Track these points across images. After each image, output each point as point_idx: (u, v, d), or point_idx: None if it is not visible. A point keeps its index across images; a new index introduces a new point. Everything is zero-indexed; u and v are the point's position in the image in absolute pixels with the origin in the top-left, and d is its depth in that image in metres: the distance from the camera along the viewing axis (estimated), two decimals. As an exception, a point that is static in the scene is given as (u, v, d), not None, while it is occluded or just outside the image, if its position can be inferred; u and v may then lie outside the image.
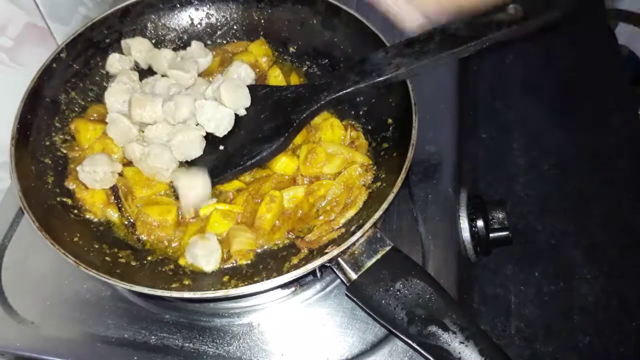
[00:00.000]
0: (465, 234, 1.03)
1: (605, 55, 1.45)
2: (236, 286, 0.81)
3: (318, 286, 0.97)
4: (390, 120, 1.01)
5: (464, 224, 1.03)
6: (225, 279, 0.88)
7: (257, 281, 0.80)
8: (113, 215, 0.98)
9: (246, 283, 0.81)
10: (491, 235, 1.02)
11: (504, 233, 1.02)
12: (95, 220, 0.97)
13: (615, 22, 1.95)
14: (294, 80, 1.12)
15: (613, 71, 1.42)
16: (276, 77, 1.11)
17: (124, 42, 1.12)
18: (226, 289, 0.79)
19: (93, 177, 0.96)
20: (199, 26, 1.20)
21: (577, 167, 1.26)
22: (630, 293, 1.10)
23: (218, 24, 1.20)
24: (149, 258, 0.93)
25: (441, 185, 1.06)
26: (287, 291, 0.96)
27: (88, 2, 1.38)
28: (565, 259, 1.14)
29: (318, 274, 0.95)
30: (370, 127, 1.05)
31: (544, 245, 1.16)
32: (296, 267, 0.82)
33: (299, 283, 0.96)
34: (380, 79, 0.92)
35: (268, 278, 0.80)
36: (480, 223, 1.03)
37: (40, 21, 1.23)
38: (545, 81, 1.41)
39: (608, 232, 1.17)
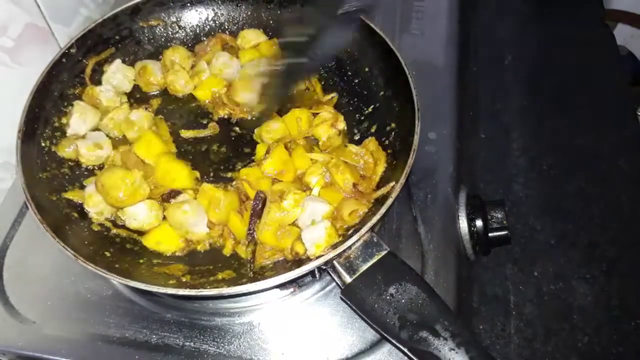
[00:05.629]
0: (465, 233, 1.03)
1: (604, 55, 1.45)
2: (230, 286, 0.81)
3: (318, 286, 0.97)
4: (393, 125, 1.02)
5: (463, 223, 1.03)
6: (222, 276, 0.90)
7: (253, 281, 0.80)
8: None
9: (240, 283, 0.82)
10: (490, 234, 1.02)
11: (503, 232, 1.02)
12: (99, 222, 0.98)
13: (614, 23, 1.96)
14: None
15: (612, 71, 1.43)
16: None
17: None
18: (220, 288, 0.80)
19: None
20: (208, 25, 1.21)
21: (576, 167, 1.26)
22: (629, 293, 1.10)
23: (227, 23, 1.21)
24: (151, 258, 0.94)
25: (440, 186, 1.06)
26: (286, 291, 0.96)
27: (89, 3, 1.38)
28: (565, 259, 1.14)
29: (317, 275, 0.96)
30: (372, 131, 1.06)
31: (543, 245, 1.16)
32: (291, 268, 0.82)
33: (297, 284, 0.96)
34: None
35: (263, 278, 0.81)
36: (479, 223, 1.03)
37: (42, 22, 1.23)
38: (544, 81, 1.41)
39: (607, 232, 1.17)
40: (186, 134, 1.09)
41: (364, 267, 0.82)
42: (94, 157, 1.02)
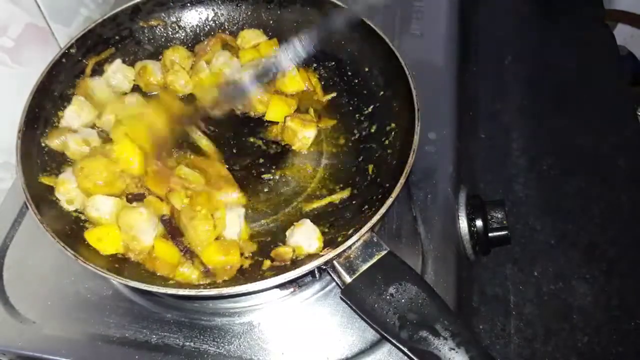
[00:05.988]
0: (465, 233, 1.03)
1: (604, 55, 1.45)
2: (230, 286, 0.81)
3: (318, 286, 0.97)
4: (393, 125, 1.01)
5: (463, 223, 1.03)
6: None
7: (253, 281, 0.80)
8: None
9: (240, 283, 0.82)
10: (490, 234, 1.02)
11: (503, 232, 1.02)
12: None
13: (614, 23, 1.96)
14: (303, 76, 1.12)
15: (612, 71, 1.43)
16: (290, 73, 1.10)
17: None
18: (220, 288, 0.80)
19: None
20: (208, 25, 1.21)
21: (576, 167, 1.26)
22: (629, 293, 1.10)
23: (227, 23, 1.21)
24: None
25: (440, 186, 1.06)
26: (286, 291, 0.96)
27: (90, 3, 1.39)
28: (565, 259, 1.14)
29: (317, 275, 0.96)
30: (372, 131, 1.05)
31: (543, 245, 1.16)
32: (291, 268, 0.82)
33: (297, 284, 0.96)
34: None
35: (263, 278, 0.81)
36: (479, 223, 1.03)
37: (42, 22, 1.23)
38: (544, 81, 1.41)
39: (607, 232, 1.17)
40: None
41: (364, 267, 0.82)
42: (80, 152, 1.00)
